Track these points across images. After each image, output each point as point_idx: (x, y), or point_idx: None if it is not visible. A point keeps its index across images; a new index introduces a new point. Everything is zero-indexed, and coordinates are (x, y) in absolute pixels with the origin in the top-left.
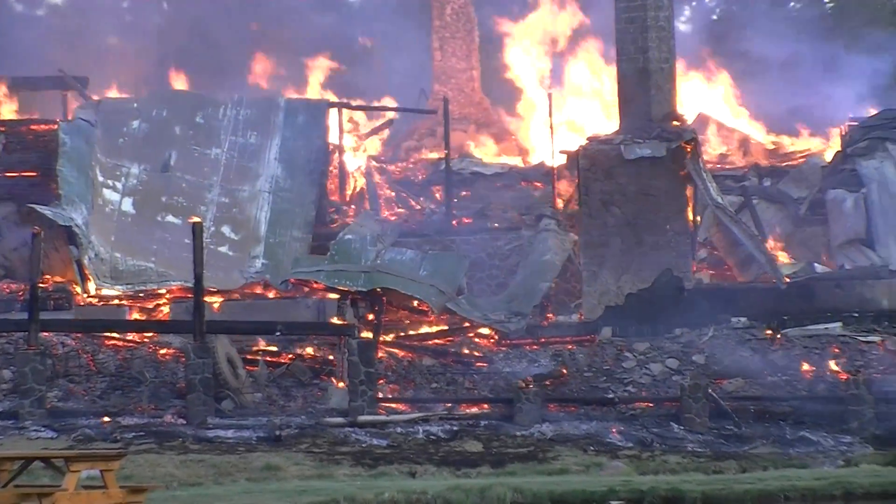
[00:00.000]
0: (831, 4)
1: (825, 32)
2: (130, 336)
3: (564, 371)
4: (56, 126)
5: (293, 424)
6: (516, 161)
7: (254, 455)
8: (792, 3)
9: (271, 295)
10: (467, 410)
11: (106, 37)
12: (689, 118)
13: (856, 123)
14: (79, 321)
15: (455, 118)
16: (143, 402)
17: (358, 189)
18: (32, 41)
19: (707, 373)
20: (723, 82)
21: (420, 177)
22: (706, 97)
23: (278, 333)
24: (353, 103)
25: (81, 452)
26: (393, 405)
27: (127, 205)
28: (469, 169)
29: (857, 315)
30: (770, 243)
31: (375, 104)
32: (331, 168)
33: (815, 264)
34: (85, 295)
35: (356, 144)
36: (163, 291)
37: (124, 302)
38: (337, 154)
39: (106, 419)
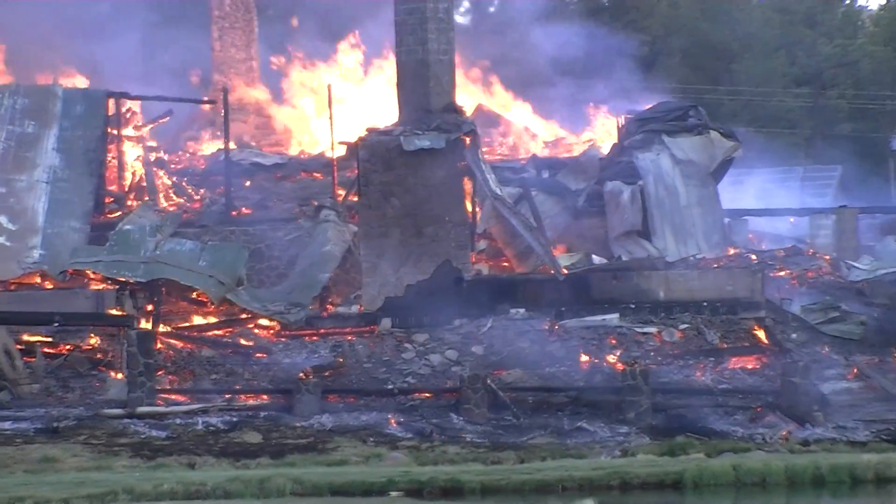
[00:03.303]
0: None
1: (603, 24)
2: None
3: (343, 362)
4: None
5: (71, 416)
6: (296, 151)
7: (31, 447)
8: None
9: (49, 285)
10: (247, 401)
11: None
12: (469, 110)
13: (632, 116)
14: None
15: (235, 108)
16: None
17: (137, 179)
18: None
19: (486, 364)
20: (501, 74)
21: (200, 167)
22: (485, 89)
23: (56, 324)
24: (133, 93)
25: None
26: (172, 396)
27: None
28: (249, 159)
29: (633, 306)
30: (548, 234)
31: (155, 94)
32: (109, 158)
33: (593, 256)
34: None
35: (135, 134)
36: None
37: None
38: (115, 144)
39: None
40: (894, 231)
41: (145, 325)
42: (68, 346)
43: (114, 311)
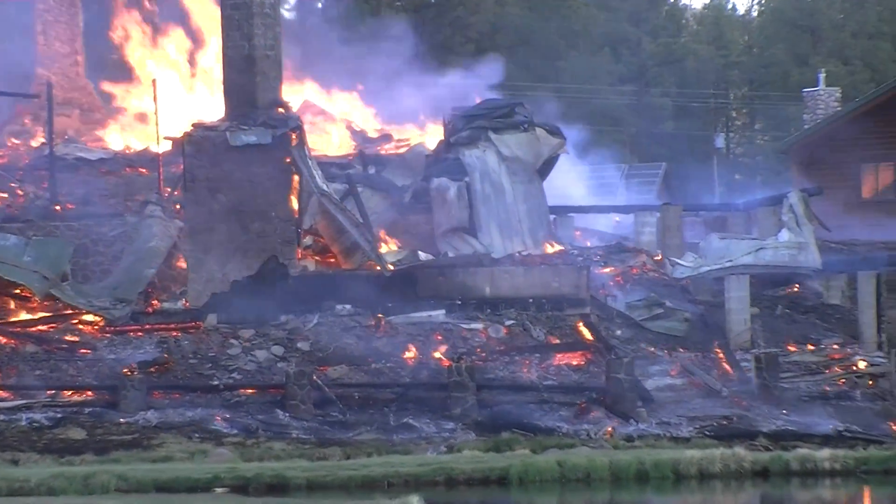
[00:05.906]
0: None
1: (429, 21)
2: None
3: (168, 358)
4: None
5: None
6: (121, 146)
7: None
8: None
9: None
10: (71, 398)
11: None
12: (295, 106)
13: (458, 113)
14: None
15: (59, 103)
16: None
17: None
18: None
19: (312, 360)
20: (327, 69)
21: (24, 161)
22: (312, 84)
23: None
24: None
25: None
26: None
27: None
28: (73, 154)
29: (460, 302)
30: (375, 231)
31: None
32: None
33: (419, 252)
34: None
35: None
36: None
37: None
38: None
39: None
40: (718, 228)
41: None
42: None
43: None
